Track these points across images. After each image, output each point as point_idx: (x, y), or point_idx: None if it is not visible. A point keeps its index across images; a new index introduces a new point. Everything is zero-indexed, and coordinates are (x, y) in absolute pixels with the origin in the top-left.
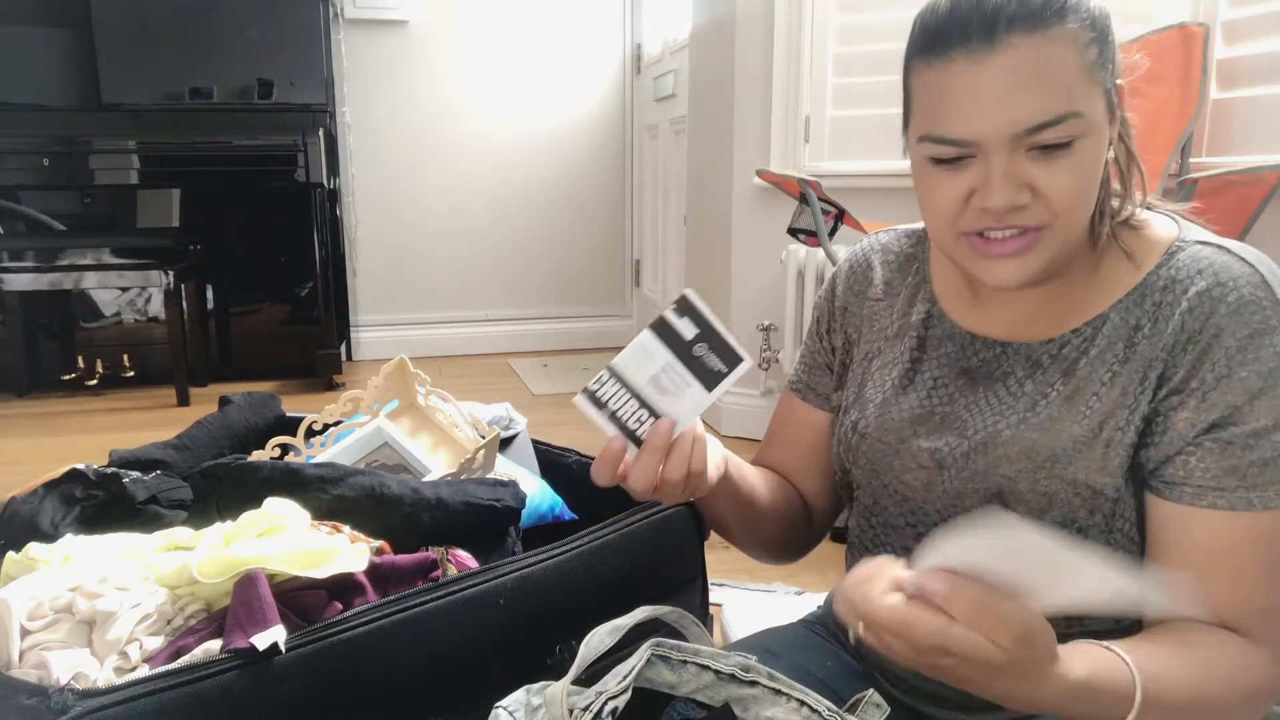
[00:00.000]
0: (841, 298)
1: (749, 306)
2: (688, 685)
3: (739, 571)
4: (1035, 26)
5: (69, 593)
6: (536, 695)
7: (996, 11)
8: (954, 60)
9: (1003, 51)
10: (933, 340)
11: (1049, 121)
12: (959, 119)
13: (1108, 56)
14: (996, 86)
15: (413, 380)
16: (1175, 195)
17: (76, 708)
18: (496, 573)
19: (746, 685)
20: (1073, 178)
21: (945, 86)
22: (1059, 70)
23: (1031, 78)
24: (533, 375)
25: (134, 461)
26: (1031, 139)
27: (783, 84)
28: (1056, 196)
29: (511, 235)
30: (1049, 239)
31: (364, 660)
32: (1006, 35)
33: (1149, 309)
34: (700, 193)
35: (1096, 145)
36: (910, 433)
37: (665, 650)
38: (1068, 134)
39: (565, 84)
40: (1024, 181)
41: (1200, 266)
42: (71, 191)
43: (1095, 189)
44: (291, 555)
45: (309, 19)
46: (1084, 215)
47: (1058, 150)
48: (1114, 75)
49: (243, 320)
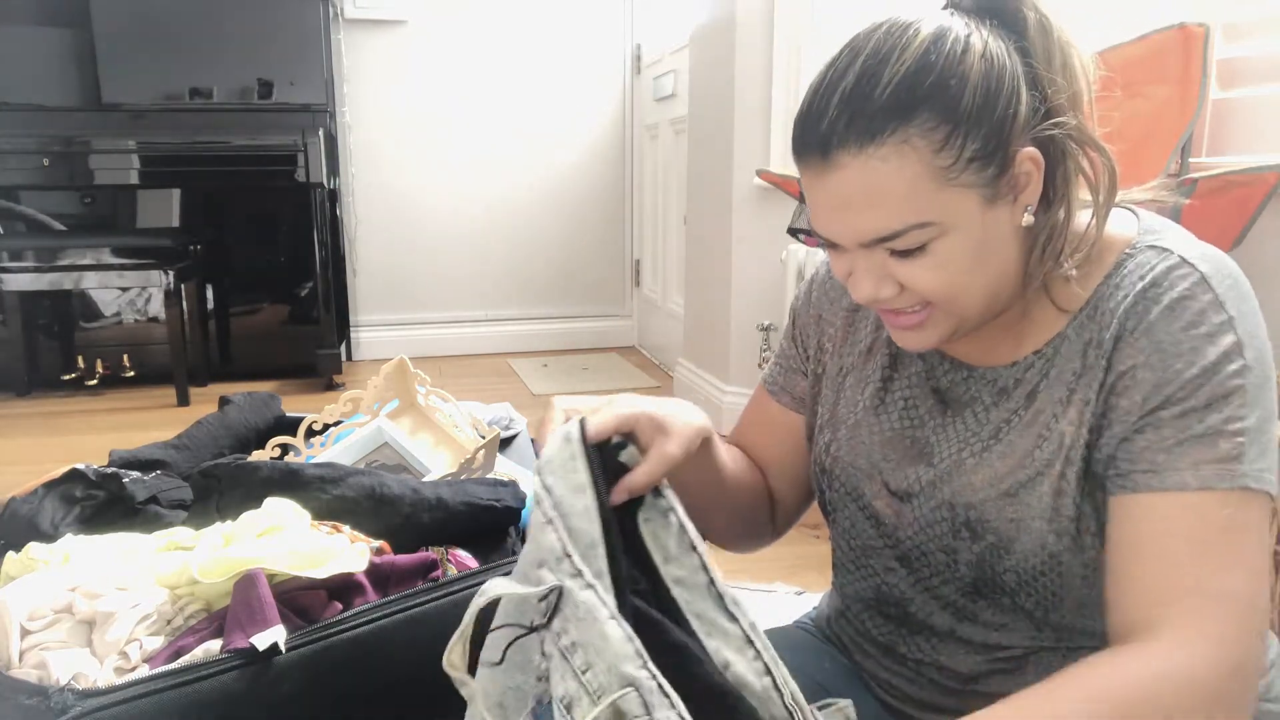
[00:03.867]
0: (816, 304)
1: (749, 306)
2: (678, 569)
3: (739, 572)
4: (864, 145)
5: (69, 593)
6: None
7: (830, 128)
8: (804, 169)
9: (836, 170)
10: (904, 358)
11: (888, 235)
12: (816, 218)
13: (983, 144)
14: (835, 201)
15: (413, 380)
16: (1175, 195)
17: (76, 708)
18: (496, 573)
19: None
20: (937, 274)
21: (805, 186)
22: (893, 186)
23: (862, 197)
24: (533, 375)
25: (134, 461)
26: (881, 245)
27: (783, 84)
28: (924, 290)
29: (511, 235)
30: (942, 315)
31: (364, 660)
32: (838, 154)
33: (1100, 320)
34: (700, 193)
35: (966, 239)
36: (880, 457)
37: (677, 521)
38: (914, 241)
39: (565, 84)
40: (887, 275)
41: (1142, 272)
42: (71, 191)
43: (977, 273)
44: (291, 555)
45: (309, 19)
46: (974, 294)
47: (914, 252)
48: (1006, 150)
49: (243, 320)
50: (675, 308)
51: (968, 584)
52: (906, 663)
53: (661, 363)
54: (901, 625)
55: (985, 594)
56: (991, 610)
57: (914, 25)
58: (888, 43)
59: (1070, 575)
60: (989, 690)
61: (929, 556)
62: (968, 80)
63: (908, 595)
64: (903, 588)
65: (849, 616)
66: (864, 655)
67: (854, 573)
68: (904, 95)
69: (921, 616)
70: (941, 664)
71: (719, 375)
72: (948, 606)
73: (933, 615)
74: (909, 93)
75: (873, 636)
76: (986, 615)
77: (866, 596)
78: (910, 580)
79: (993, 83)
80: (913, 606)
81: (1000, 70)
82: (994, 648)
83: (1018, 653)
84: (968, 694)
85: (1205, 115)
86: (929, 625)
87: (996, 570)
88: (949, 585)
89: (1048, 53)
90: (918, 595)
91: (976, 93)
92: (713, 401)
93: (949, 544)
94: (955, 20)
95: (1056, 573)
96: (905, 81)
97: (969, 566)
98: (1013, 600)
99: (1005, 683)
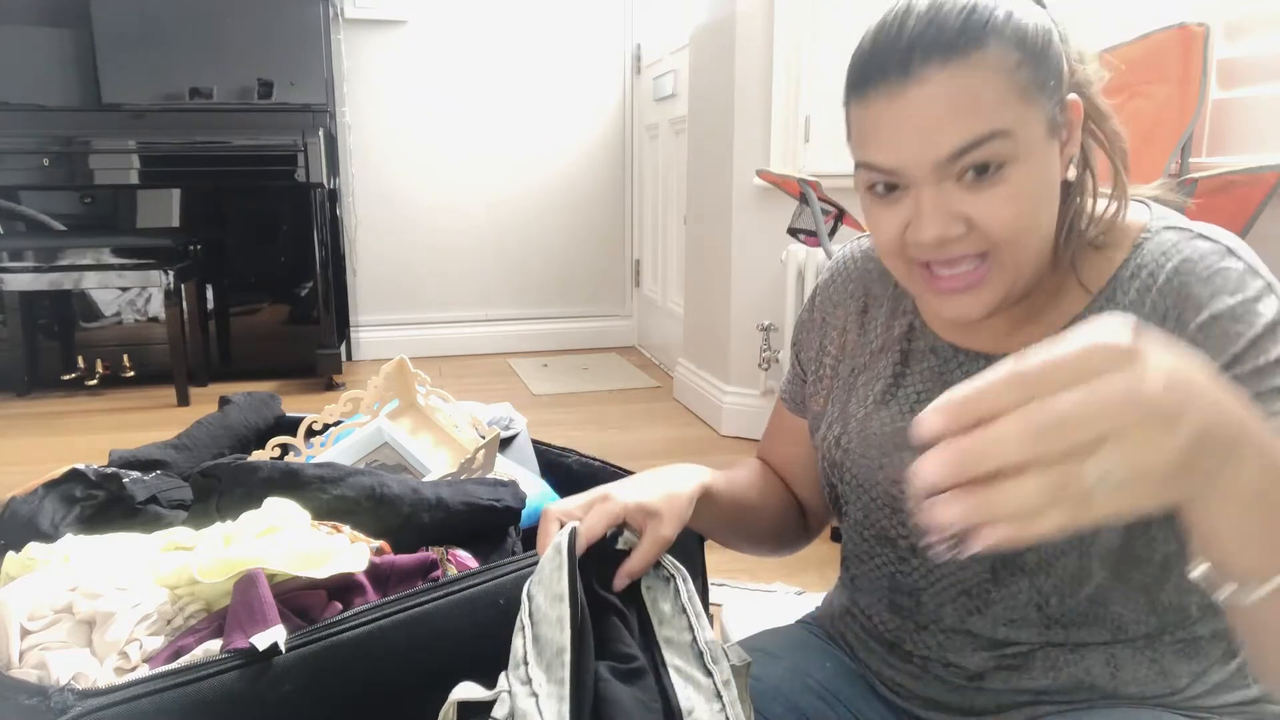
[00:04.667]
0: (820, 308)
1: (749, 306)
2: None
3: (739, 571)
4: (950, 57)
5: (69, 593)
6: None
7: (911, 46)
8: (876, 98)
9: (918, 85)
10: (915, 354)
11: (970, 144)
12: (882, 149)
13: (1046, 76)
14: (914, 119)
15: (413, 380)
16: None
17: (76, 708)
18: (496, 573)
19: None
20: (1008, 205)
21: (870, 121)
22: (979, 95)
23: (948, 108)
24: (533, 375)
25: (134, 461)
26: (956, 165)
27: (783, 84)
28: (993, 226)
29: (511, 235)
30: (997, 269)
31: (364, 660)
32: (921, 69)
33: (1120, 301)
34: (700, 193)
35: (1034, 170)
36: (893, 444)
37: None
38: (994, 155)
39: (565, 84)
40: (955, 212)
41: (1166, 250)
42: (71, 191)
43: (1040, 214)
44: (291, 555)
45: (309, 19)
46: (1033, 241)
47: (988, 176)
48: (1061, 92)
49: (243, 320)
50: (675, 308)
51: (986, 568)
52: (913, 659)
53: (661, 363)
54: (910, 619)
55: (1003, 580)
56: (1005, 603)
57: None
58: None
59: (1092, 557)
60: (995, 687)
61: None
62: (1029, 20)
63: (921, 585)
64: (916, 577)
65: (855, 613)
66: (869, 653)
67: (866, 564)
68: (978, 22)
69: (933, 607)
70: (948, 660)
71: (719, 375)
72: (962, 595)
73: (944, 607)
74: (982, 22)
75: (879, 633)
76: (998, 608)
77: (879, 589)
78: (924, 569)
79: (1045, 30)
80: (925, 596)
81: (1048, 26)
82: (1002, 644)
83: (1024, 649)
84: (973, 691)
85: (1205, 115)
86: (939, 618)
87: (1018, 548)
88: (967, 569)
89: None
90: (932, 585)
91: (1038, 31)
92: (713, 401)
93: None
94: None
95: (1079, 551)
96: (977, 13)
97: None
98: (1031, 583)
99: (1011, 679)
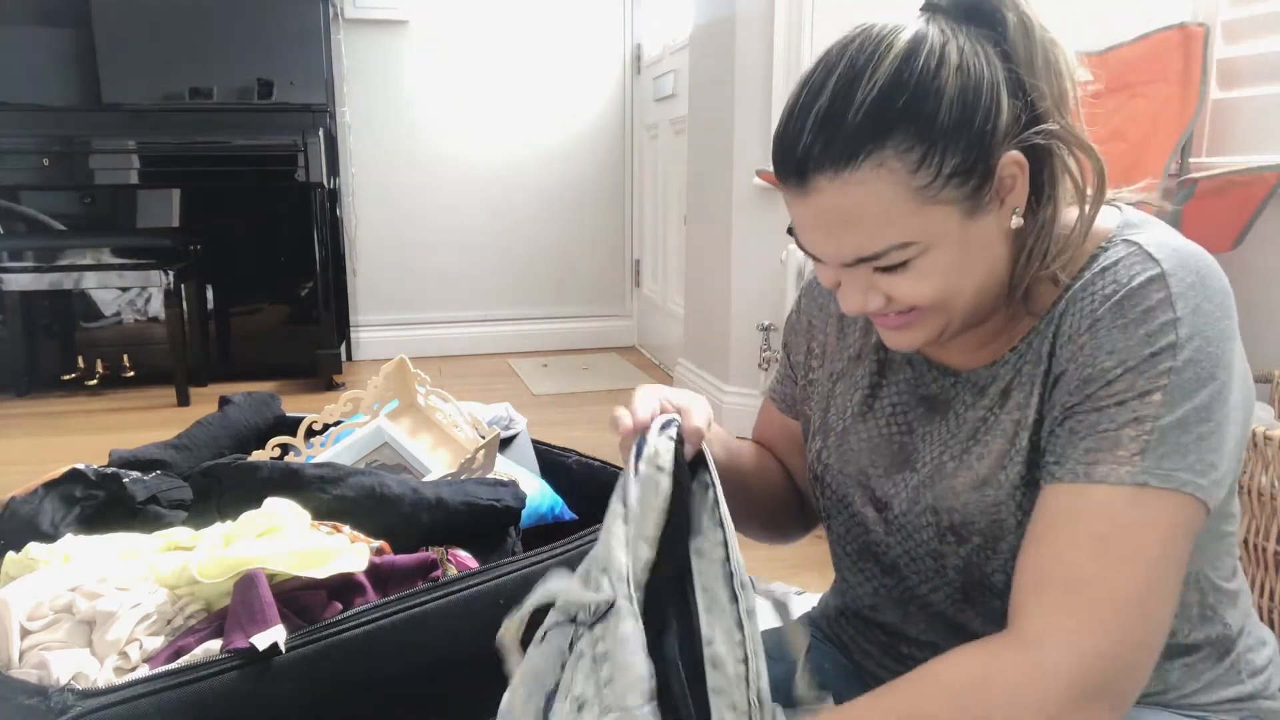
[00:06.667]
0: (806, 311)
1: (749, 306)
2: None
3: None
4: (839, 171)
5: (69, 593)
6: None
7: (805, 153)
8: (785, 190)
9: (813, 194)
10: (892, 364)
11: (869, 256)
12: (800, 234)
13: (962, 157)
14: (816, 223)
15: (413, 380)
16: (1175, 195)
17: (76, 708)
18: (496, 573)
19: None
20: (924, 283)
21: (787, 205)
22: (871, 209)
23: (841, 221)
24: (533, 375)
25: (134, 461)
26: (864, 264)
27: (783, 84)
28: (912, 300)
29: (511, 235)
30: (928, 317)
31: (364, 660)
32: (815, 179)
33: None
34: (700, 193)
35: (950, 250)
36: (868, 463)
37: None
38: (897, 260)
39: (565, 84)
40: (872, 287)
41: (1106, 265)
42: (71, 191)
43: (966, 279)
44: (291, 555)
45: (309, 19)
46: (962, 299)
47: (897, 268)
48: (991, 158)
49: (243, 320)
50: (675, 308)
51: (957, 590)
52: (906, 663)
53: (661, 363)
54: (899, 626)
55: (975, 600)
56: (981, 620)
57: (887, 38)
58: (860, 59)
59: None
60: None
61: (917, 563)
62: (943, 96)
63: (899, 603)
64: (894, 596)
65: (848, 616)
66: (864, 655)
67: (851, 578)
68: (877, 116)
69: (921, 617)
70: None
71: (719, 375)
72: (937, 617)
73: (922, 626)
74: (882, 113)
75: (873, 637)
76: (976, 625)
77: (864, 601)
78: (899, 590)
79: (969, 96)
80: (913, 607)
81: (978, 81)
82: None
83: None
84: None
85: (1205, 115)
86: (929, 625)
87: (985, 571)
88: (938, 592)
89: (1029, 54)
90: (909, 605)
91: (953, 108)
92: (713, 401)
93: (935, 549)
94: (932, 28)
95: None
96: (878, 101)
97: (957, 571)
98: (1003, 603)
99: None
